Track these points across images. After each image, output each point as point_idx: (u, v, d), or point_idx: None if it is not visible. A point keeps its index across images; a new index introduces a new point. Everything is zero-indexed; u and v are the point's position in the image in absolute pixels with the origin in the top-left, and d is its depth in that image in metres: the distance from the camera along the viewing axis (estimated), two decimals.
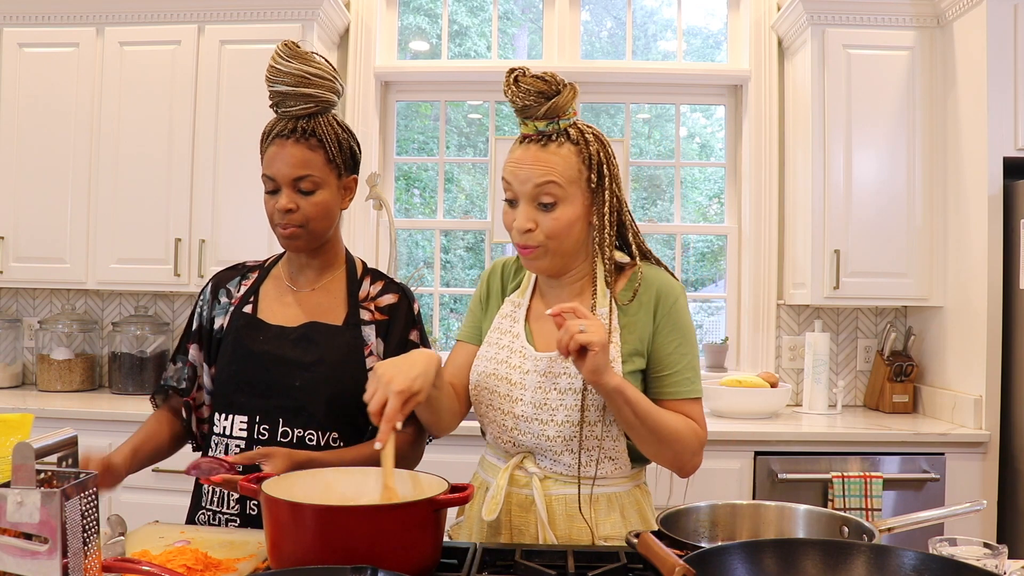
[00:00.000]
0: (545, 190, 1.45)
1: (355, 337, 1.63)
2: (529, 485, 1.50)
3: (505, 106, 6.02)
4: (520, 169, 1.46)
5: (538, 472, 1.50)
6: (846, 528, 1.27)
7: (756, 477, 2.88)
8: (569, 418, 1.46)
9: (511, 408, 1.51)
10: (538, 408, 1.48)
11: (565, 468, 1.49)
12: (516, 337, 1.55)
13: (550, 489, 1.49)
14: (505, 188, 1.50)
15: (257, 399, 1.59)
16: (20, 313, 3.71)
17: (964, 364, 3.05)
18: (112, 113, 3.31)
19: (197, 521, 1.64)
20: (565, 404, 1.47)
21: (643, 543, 1.15)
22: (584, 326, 1.32)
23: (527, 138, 1.49)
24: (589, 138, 1.49)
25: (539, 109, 1.46)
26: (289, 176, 1.57)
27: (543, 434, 1.48)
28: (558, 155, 1.45)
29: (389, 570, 1.06)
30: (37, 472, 1.03)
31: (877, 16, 3.20)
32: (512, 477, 1.51)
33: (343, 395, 1.59)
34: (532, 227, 1.46)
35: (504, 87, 1.49)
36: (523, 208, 1.47)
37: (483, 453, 1.66)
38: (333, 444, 1.60)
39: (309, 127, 1.58)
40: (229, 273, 1.76)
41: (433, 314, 3.82)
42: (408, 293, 1.73)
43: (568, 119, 1.48)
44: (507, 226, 1.51)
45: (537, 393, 1.48)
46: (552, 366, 1.49)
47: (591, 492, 1.48)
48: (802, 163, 3.33)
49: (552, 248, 1.47)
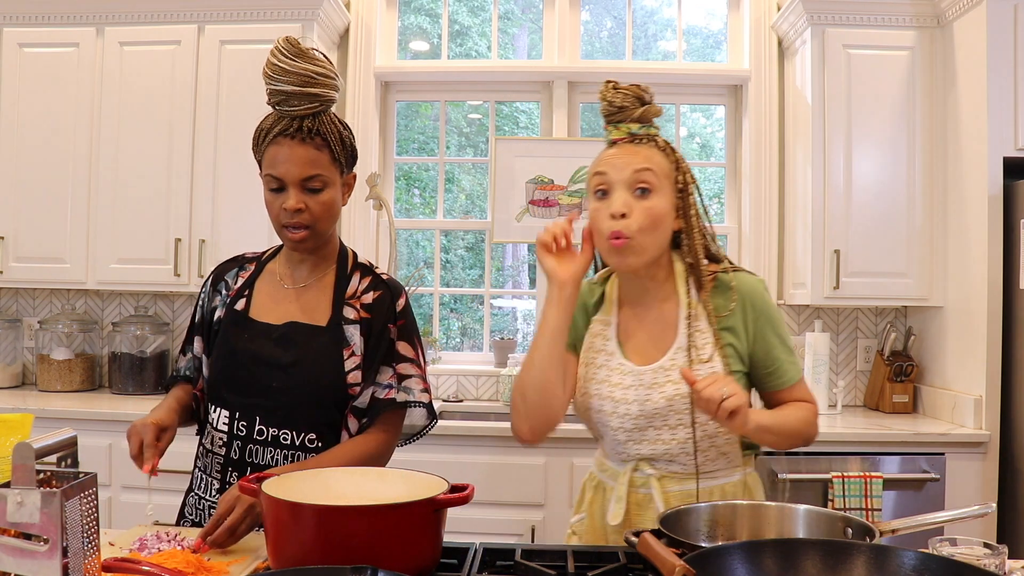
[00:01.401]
0: (643, 176, 1.52)
1: (336, 338, 1.63)
2: (647, 484, 1.56)
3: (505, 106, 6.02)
4: (618, 158, 1.54)
5: (655, 473, 1.56)
6: (849, 529, 1.27)
7: None
8: (682, 421, 1.52)
9: (620, 424, 1.56)
10: (649, 419, 1.54)
11: (681, 467, 1.56)
12: (611, 355, 1.60)
13: (668, 487, 1.55)
14: (598, 183, 1.55)
15: (238, 396, 1.62)
16: (20, 313, 3.72)
17: (964, 364, 3.05)
18: (112, 113, 3.31)
19: (186, 505, 1.69)
20: (675, 409, 1.52)
21: (643, 543, 1.15)
22: (725, 391, 1.35)
23: (618, 142, 1.58)
24: (675, 148, 1.60)
25: (634, 112, 1.56)
26: (298, 176, 1.57)
27: (658, 439, 1.55)
28: (651, 152, 1.55)
29: (389, 570, 1.05)
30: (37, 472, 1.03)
31: (877, 16, 3.20)
32: (631, 480, 1.58)
33: (320, 397, 1.60)
34: (627, 212, 1.50)
35: (603, 91, 1.60)
36: (619, 194, 1.52)
37: (597, 455, 1.70)
38: (309, 444, 1.60)
39: (314, 126, 1.58)
40: (229, 264, 1.78)
41: (433, 314, 3.82)
42: (393, 288, 1.71)
43: (656, 128, 1.59)
44: (598, 221, 1.53)
45: (646, 405, 1.54)
46: (656, 377, 1.54)
47: (708, 485, 1.56)
48: (802, 163, 3.33)
49: (641, 243, 1.51)
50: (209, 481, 1.64)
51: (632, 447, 1.56)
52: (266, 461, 1.59)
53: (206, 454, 1.67)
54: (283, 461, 1.59)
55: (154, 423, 1.52)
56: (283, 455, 1.59)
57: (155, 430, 1.51)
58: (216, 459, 1.63)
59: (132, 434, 1.51)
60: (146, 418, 1.54)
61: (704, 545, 1.15)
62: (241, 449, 1.60)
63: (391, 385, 1.63)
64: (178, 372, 1.75)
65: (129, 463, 1.52)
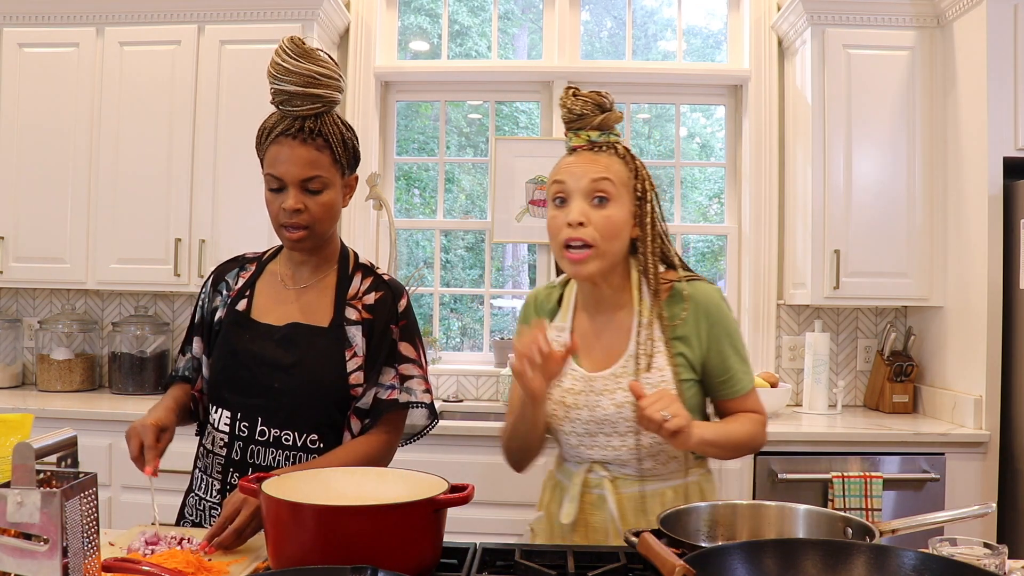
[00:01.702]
0: (600, 186, 1.53)
1: (338, 339, 1.63)
2: (601, 485, 1.58)
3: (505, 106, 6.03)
4: (575, 167, 1.56)
5: (607, 475, 1.59)
6: (849, 529, 1.27)
7: (756, 477, 2.89)
8: (631, 428, 1.54)
9: (572, 429, 1.59)
10: (599, 424, 1.57)
11: (633, 471, 1.58)
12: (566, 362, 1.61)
13: (620, 488, 1.58)
14: (556, 191, 1.57)
15: (239, 397, 1.62)
16: (20, 313, 3.72)
17: (964, 364, 3.05)
18: (112, 113, 3.31)
19: (186, 505, 1.69)
20: (624, 417, 1.54)
21: (643, 543, 1.15)
22: (667, 413, 1.36)
23: (577, 149, 1.59)
24: (634, 155, 1.61)
25: (594, 119, 1.57)
26: (298, 177, 1.57)
27: (608, 445, 1.57)
28: (610, 160, 1.56)
29: (389, 570, 1.05)
30: (37, 472, 1.03)
31: (877, 16, 3.20)
32: (585, 480, 1.60)
33: (322, 397, 1.60)
34: (584, 221, 1.52)
35: (563, 98, 1.60)
36: (576, 203, 1.53)
37: (556, 455, 1.72)
38: (311, 445, 1.60)
39: (316, 127, 1.58)
40: (229, 264, 1.78)
41: (433, 314, 3.82)
42: (395, 288, 1.71)
43: (616, 135, 1.60)
44: (555, 228, 1.56)
45: (596, 412, 1.56)
46: (606, 384, 1.57)
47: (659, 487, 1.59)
48: (802, 163, 3.33)
49: (601, 250, 1.53)
50: (210, 482, 1.64)
51: (584, 451, 1.59)
52: (268, 462, 1.59)
53: (207, 455, 1.67)
54: (285, 462, 1.59)
55: (153, 424, 1.52)
56: (285, 456, 1.59)
57: (154, 431, 1.51)
58: (217, 460, 1.63)
59: (131, 436, 1.51)
60: (144, 419, 1.54)
61: (704, 545, 1.15)
62: (243, 450, 1.60)
63: (393, 386, 1.63)
64: (177, 372, 1.75)
65: (129, 463, 1.52)
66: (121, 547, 1.35)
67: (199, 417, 1.74)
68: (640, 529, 1.21)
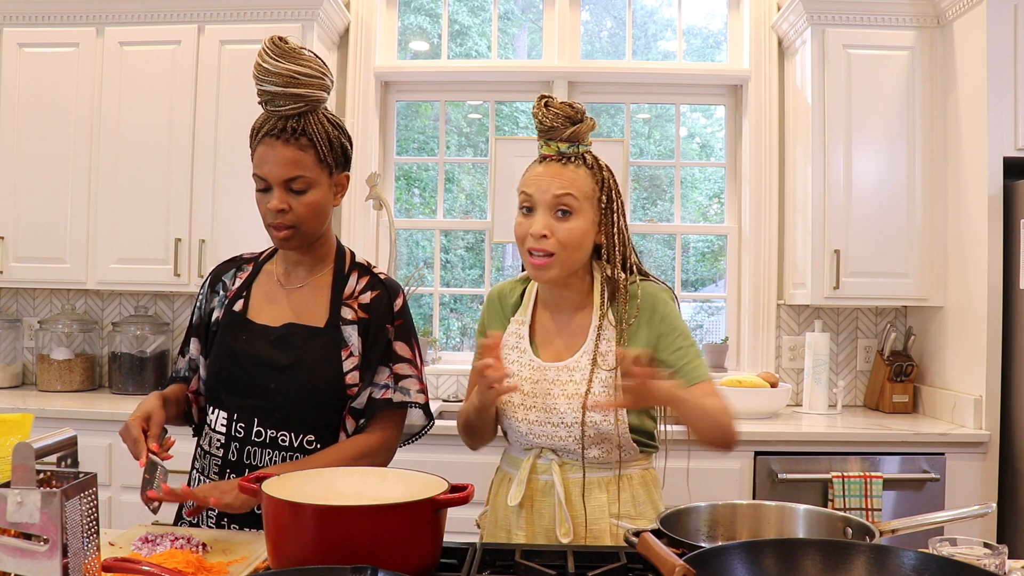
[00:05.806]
0: (563, 200, 1.60)
1: (334, 339, 1.63)
2: (549, 471, 1.64)
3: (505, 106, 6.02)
4: (542, 180, 1.62)
5: (556, 459, 1.65)
6: (849, 529, 1.27)
7: (756, 477, 2.88)
8: (578, 420, 1.60)
9: (525, 415, 1.65)
10: (549, 413, 1.63)
11: (578, 457, 1.64)
12: (523, 352, 1.70)
13: (567, 474, 1.64)
14: (523, 200, 1.64)
15: (236, 397, 1.62)
16: (20, 313, 3.71)
17: (964, 364, 3.05)
18: (112, 113, 3.31)
19: (184, 506, 1.67)
20: (573, 408, 1.61)
21: (643, 543, 1.15)
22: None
23: (547, 158, 1.64)
24: (602, 164, 1.67)
25: (564, 132, 1.62)
26: (280, 177, 1.57)
27: (555, 435, 1.63)
28: (576, 174, 1.62)
29: (389, 570, 1.06)
30: (37, 472, 1.03)
31: (877, 16, 3.20)
32: (533, 466, 1.66)
33: (318, 398, 1.60)
34: (548, 233, 1.59)
35: (535, 109, 1.64)
36: (540, 216, 1.61)
37: (505, 449, 1.78)
38: (308, 446, 1.60)
39: (299, 126, 1.57)
40: (226, 265, 1.78)
41: (433, 314, 3.82)
42: (391, 287, 1.70)
43: (586, 146, 1.66)
44: (520, 235, 1.64)
45: (547, 399, 1.63)
46: (559, 375, 1.64)
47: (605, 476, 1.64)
48: (802, 163, 3.33)
49: (562, 259, 1.60)
50: (207, 483, 1.63)
51: (533, 439, 1.65)
52: (264, 463, 1.59)
53: (204, 456, 1.67)
54: (281, 463, 1.59)
55: (139, 417, 1.52)
56: (281, 457, 1.59)
57: (140, 423, 1.51)
58: (214, 461, 1.63)
59: (124, 437, 1.51)
60: (132, 415, 1.54)
61: (704, 545, 1.15)
62: (239, 451, 1.60)
63: (388, 385, 1.63)
64: (177, 374, 1.75)
65: (129, 463, 1.52)
66: (121, 547, 1.35)
67: (193, 419, 1.73)
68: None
